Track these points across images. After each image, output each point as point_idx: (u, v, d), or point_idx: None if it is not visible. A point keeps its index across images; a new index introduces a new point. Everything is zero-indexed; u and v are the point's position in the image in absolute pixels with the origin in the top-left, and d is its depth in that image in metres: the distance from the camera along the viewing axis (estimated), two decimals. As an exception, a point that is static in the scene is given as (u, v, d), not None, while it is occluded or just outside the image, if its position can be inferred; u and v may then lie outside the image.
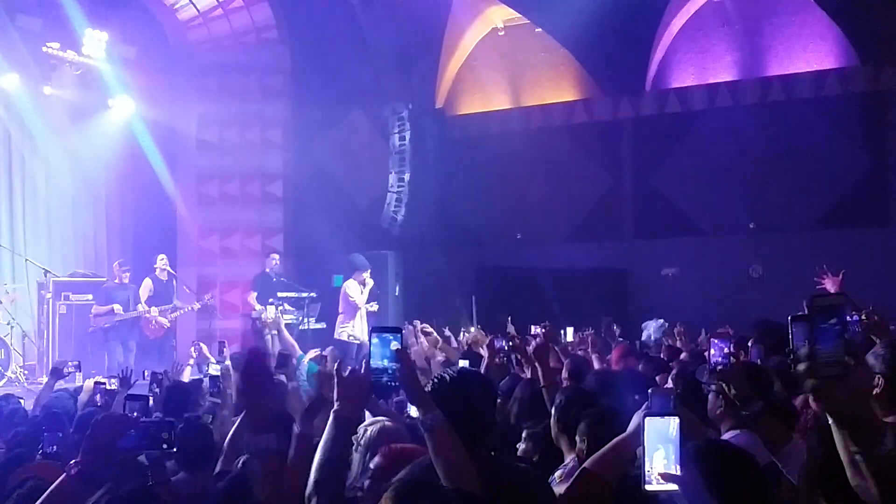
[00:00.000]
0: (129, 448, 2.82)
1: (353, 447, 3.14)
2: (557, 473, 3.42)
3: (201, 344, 8.38)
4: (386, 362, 2.60)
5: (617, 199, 15.11)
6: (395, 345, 2.60)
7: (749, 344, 5.11)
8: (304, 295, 12.76)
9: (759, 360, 4.50)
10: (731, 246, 13.91)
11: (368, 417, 3.64)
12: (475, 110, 16.50)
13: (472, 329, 10.42)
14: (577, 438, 3.52)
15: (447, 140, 16.04)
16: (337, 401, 2.66)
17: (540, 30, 15.49)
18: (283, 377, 5.89)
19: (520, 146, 15.40)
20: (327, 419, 2.72)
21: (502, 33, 16.28)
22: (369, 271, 12.20)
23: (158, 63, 14.39)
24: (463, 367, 3.24)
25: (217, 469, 4.05)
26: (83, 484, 2.53)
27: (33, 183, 13.92)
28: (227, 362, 7.71)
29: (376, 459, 3.04)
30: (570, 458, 3.51)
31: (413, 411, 3.20)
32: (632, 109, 15.04)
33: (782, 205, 13.63)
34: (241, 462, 4.16)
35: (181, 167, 14.78)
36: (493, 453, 2.79)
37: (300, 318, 12.60)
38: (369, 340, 2.66)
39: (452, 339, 9.63)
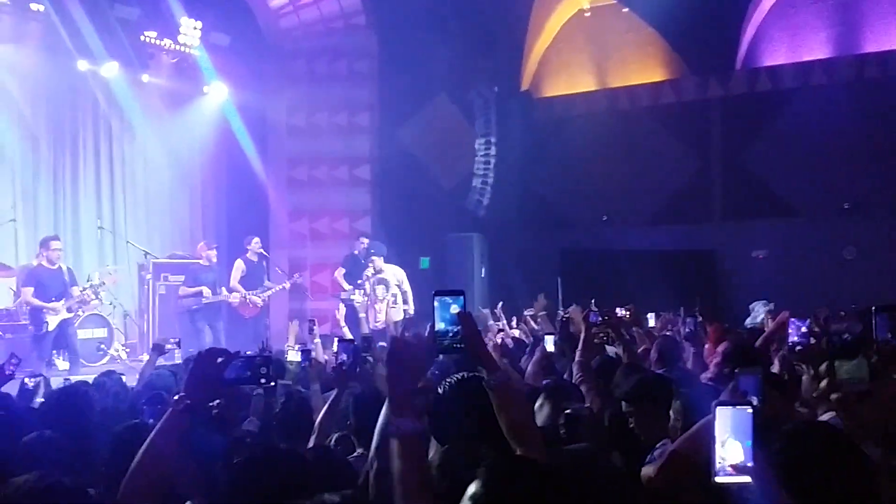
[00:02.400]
0: (234, 380, 2.90)
1: None
2: (657, 452, 3.46)
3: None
4: (448, 325, 2.63)
5: (705, 180, 14.90)
6: (454, 308, 2.62)
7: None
8: (392, 276, 12.96)
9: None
10: (824, 227, 13.58)
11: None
12: (561, 92, 16.44)
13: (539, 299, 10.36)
14: (672, 416, 3.55)
15: (533, 122, 16.04)
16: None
17: (627, 10, 15.33)
18: (370, 359, 6.10)
19: (606, 128, 15.31)
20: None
21: (588, 14, 16.16)
22: (379, 258, 12.15)
23: (250, 50, 14.76)
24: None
25: (311, 443, 4.23)
26: (190, 416, 2.62)
27: (132, 168, 14.44)
28: (317, 340, 7.96)
29: None
30: (666, 439, 3.55)
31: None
32: (721, 89, 14.78)
33: (878, 185, 13.23)
34: (333, 439, 4.35)
35: (272, 152, 15.16)
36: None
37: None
38: (432, 304, 2.67)
39: (530, 321, 9.67)
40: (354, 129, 15.02)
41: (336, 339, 6.72)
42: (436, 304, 2.65)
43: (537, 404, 4.16)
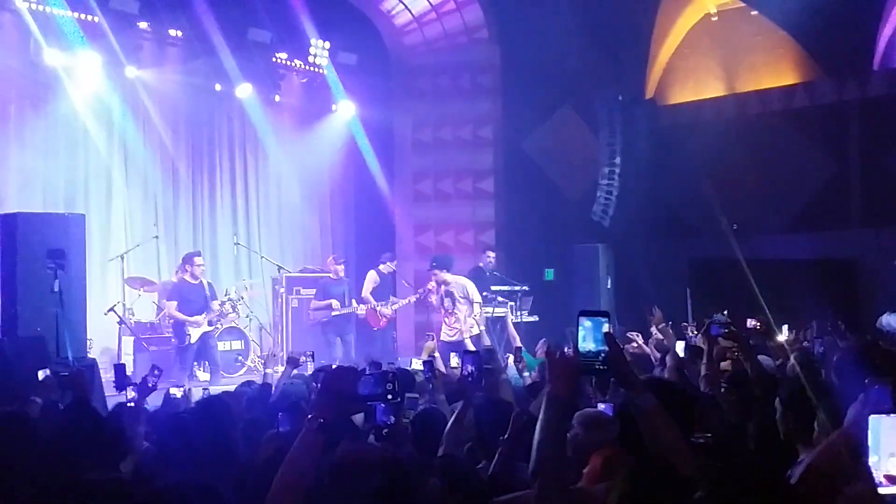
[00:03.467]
0: (367, 395, 2.97)
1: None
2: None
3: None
4: (595, 346, 2.62)
5: (843, 185, 14.28)
6: (605, 328, 2.63)
7: None
8: (517, 288, 13.00)
9: None
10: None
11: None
12: (687, 99, 16.11)
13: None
14: (817, 429, 3.46)
15: (658, 130, 15.76)
16: (549, 382, 2.74)
17: (756, 13, 14.91)
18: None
19: (735, 134, 14.89)
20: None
21: (715, 18, 15.80)
22: (442, 271, 11.69)
23: (377, 68, 15.12)
24: None
25: (440, 452, 4.31)
26: (323, 434, 2.62)
27: (265, 185, 15.04)
28: (436, 353, 8.04)
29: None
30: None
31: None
32: (858, 91, 14.17)
33: None
34: (465, 449, 4.41)
35: (398, 167, 15.45)
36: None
37: (513, 311, 12.86)
38: (577, 324, 2.66)
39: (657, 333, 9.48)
40: (479, 143, 15.14)
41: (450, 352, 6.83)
42: (580, 324, 2.65)
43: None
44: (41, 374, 5.79)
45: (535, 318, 13.04)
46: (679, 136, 15.46)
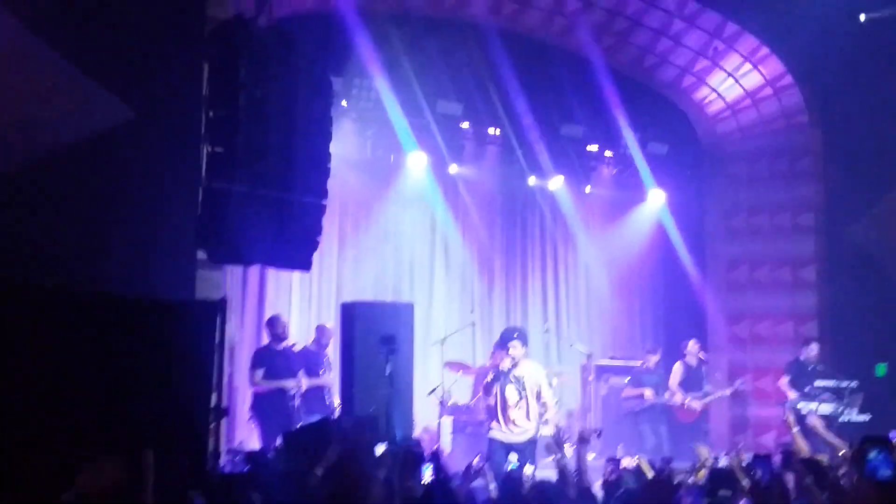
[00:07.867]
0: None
1: None
2: None
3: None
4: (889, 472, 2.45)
5: None
6: None
7: None
8: (845, 384, 12.09)
9: None
10: None
11: None
12: None
13: None
14: None
15: None
16: None
17: None
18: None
19: None
20: None
21: None
22: (513, 346, 9.09)
23: (687, 156, 15.02)
24: None
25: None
26: None
27: (575, 274, 15.33)
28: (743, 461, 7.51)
29: None
30: None
31: None
32: None
33: None
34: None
35: (710, 254, 15.11)
36: None
37: (840, 410, 11.97)
38: (865, 451, 2.50)
39: None
40: (798, 230, 14.42)
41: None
42: (868, 451, 2.51)
43: None
44: (379, 449, 6.17)
45: (866, 418, 12.01)
46: None
